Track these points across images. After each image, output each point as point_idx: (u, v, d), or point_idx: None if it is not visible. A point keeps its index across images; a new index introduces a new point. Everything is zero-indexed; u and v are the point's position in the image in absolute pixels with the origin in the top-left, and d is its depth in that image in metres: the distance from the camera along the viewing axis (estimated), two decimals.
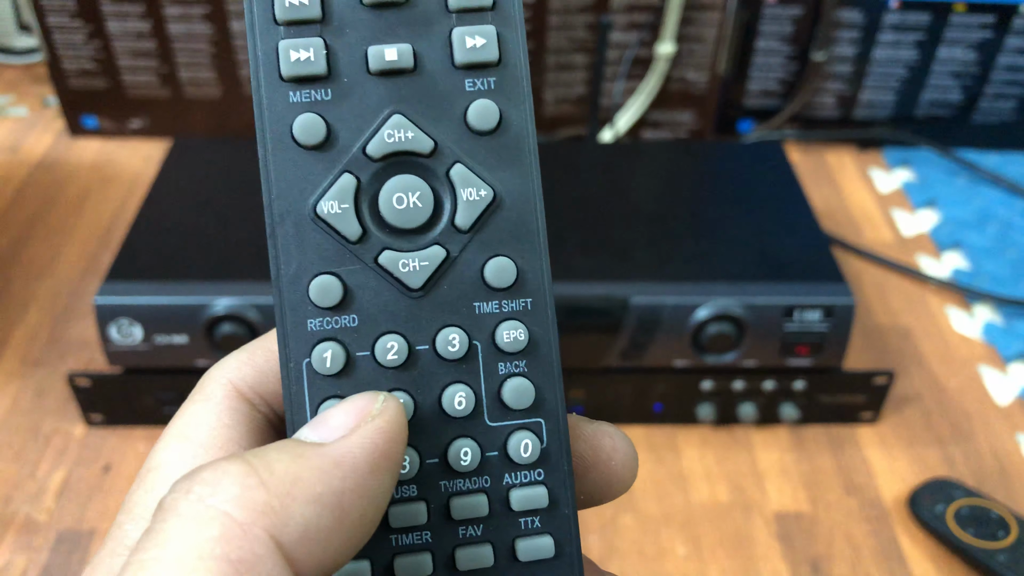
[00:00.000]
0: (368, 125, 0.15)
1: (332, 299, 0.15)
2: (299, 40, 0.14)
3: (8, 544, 0.39)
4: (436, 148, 0.15)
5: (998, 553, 0.38)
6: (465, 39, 0.14)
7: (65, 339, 0.49)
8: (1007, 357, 0.49)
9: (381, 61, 0.14)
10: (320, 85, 0.14)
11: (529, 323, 0.16)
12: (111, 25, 0.59)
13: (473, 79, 0.15)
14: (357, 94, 0.14)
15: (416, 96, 0.15)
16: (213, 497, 0.12)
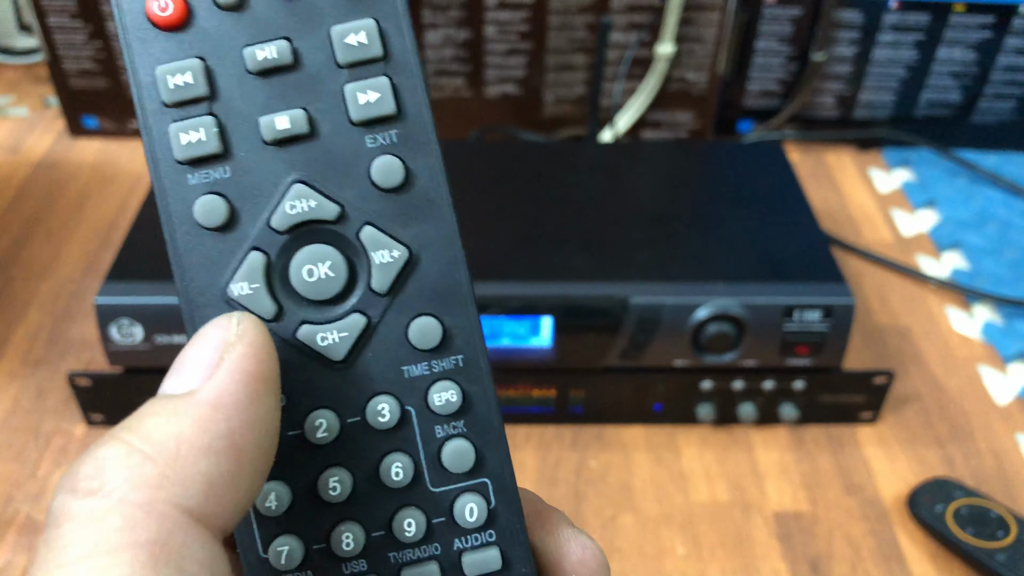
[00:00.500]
0: (270, 198, 0.14)
1: None
2: (189, 121, 0.14)
3: (9, 544, 0.39)
4: (343, 212, 0.14)
5: (997, 553, 0.38)
6: (358, 95, 0.14)
7: (66, 339, 0.49)
8: (1006, 357, 0.49)
9: (274, 130, 0.14)
10: (217, 164, 0.14)
11: (462, 381, 0.15)
12: (111, 25, 0.59)
13: (373, 135, 0.14)
14: (255, 167, 0.14)
15: (316, 161, 0.14)
16: (102, 488, 0.12)
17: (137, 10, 0.14)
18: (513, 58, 0.61)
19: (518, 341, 0.42)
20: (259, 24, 0.14)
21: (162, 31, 0.14)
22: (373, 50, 0.14)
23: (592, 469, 0.43)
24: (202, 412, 0.13)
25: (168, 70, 0.14)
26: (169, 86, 0.14)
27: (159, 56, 0.14)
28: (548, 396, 0.44)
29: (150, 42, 0.14)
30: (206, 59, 0.14)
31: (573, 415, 0.45)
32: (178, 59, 0.14)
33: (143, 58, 0.14)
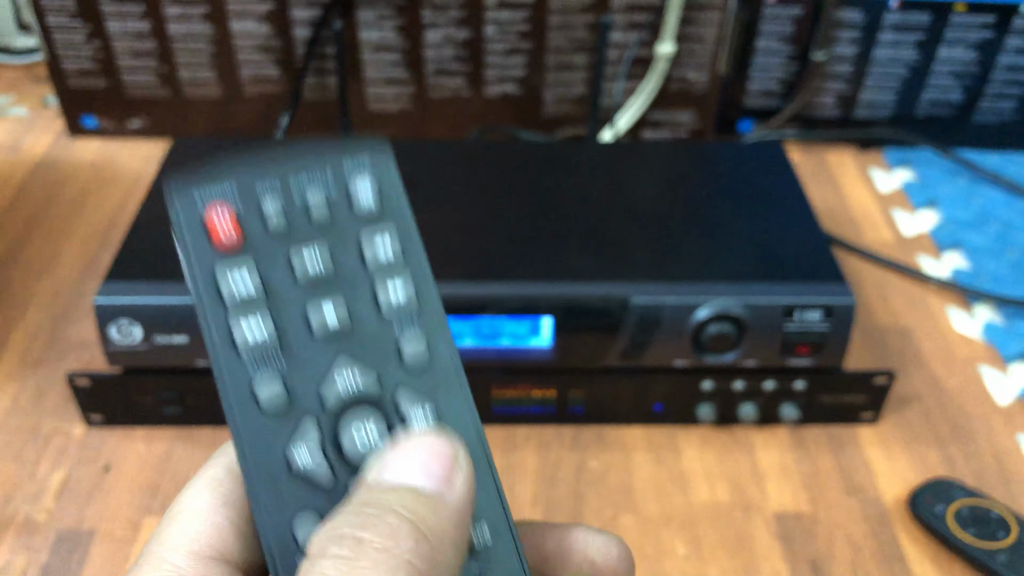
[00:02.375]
0: (319, 381, 0.16)
1: None
2: (249, 319, 0.16)
3: (8, 544, 0.39)
4: (379, 381, 0.16)
5: (998, 553, 0.38)
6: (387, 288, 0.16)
7: (65, 339, 0.49)
8: (1007, 357, 0.49)
9: (322, 324, 0.16)
10: (273, 354, 0.16)
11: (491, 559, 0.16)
12: (111, 25, 0.59)
13: (399, 321, 0.16)
14: (306, 357, 0.16)
15: (356, 347, 0.16)
16: (397, 547, 0.14)
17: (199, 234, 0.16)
18: (513, 57, 0.61)
19: (518, 341, 0.42)
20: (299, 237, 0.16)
21: (221, 252, 0.16)
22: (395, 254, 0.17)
23: (592, 469, 0.43)
24: (452, 515, 0.15)
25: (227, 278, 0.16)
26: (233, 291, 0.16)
27: (220, 269, 0.16)
28: (548, 396, 0.44)
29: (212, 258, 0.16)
30: (260, 269, 0.16)
31: (573, 415, 0.44)
32: (234, 269, 0.16)
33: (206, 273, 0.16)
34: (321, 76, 0.62)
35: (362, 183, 0.16)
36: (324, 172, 0.16)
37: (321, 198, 0.16)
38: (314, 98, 0.63)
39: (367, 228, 0.16)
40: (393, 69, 0.62)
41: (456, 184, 0.48)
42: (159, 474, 0.42)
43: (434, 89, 0.63)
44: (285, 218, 0.16)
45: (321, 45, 0.61)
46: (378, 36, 0.60)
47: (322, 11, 0.59)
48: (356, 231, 0.16)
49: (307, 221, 0.16)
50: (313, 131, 0.64)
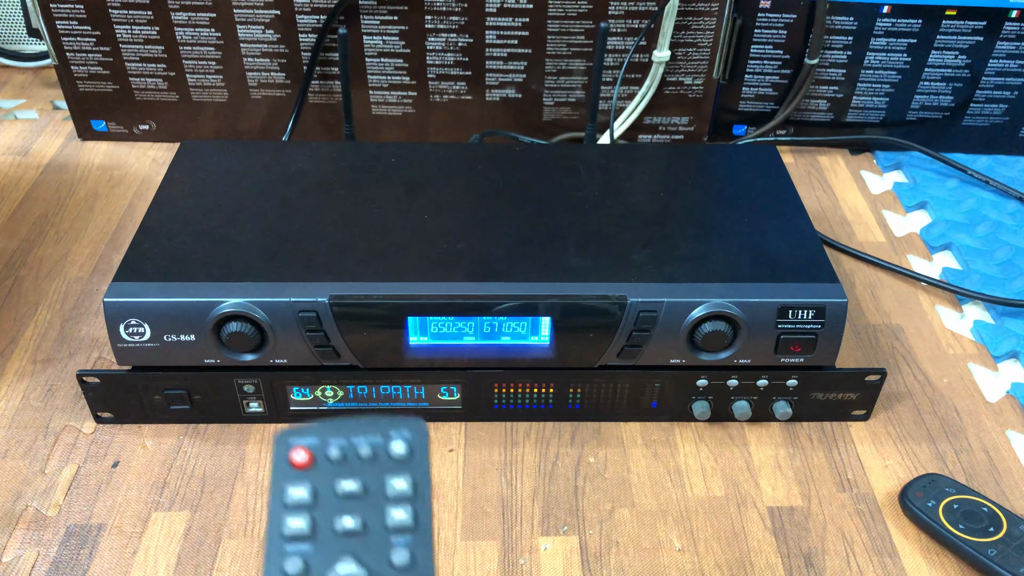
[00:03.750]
0: (331, 564, 0.22)
1: None
2: (297, 515, 0.23)
3: (18, 538, 0.40)
4: None
5: (988, 547, 0.39)
6: (394, 513, 0.23)
7: (74, 338, 0.50)
8: (997, 356, 0.50)
9: (343, 527, 0.23)
10: (305, 541, 0.23)
11: None
12: (119, 30, 0.60)
13: (397, 536, 0.23)
14: (326, 545, 0.23)
15: (362, 546, 0.23)
16: None
17: (284, 459, 0.24)
18: (513, 63, 0.62)
19: (518, 340, 0.43)
20: (348, 469, 0.24)
21: (294, 469, 0.24)
22: (408, 492, 0.23)
23: (590, 464, 0.44)
24: None
25: (293, 488, 0.23)
26: (292, 495, 0.23)
27: (290, 480, 0.24)
28: (547, 393, 0.45)
29: (286, 472, 0.24)
30: (315, 485, 0.24)
31: (572, 412, 0.45)
32: (299, 483, 0.24)
33: (281, 482, 0.24)
34: (325, 81, 0.63)
35: (397, 444, 0.24)
36: (376, 434, 0.24)
37: (368, 449, 0.24)
38: (318, 102, 0.64)
39: (393, 472, 0.24)
40: (396, 74, 0.63)
41: (457, 187, 0.49)
42: (167, 470, 0.43)
43: (436, 93, 0.64)
44: (342, 458, 0.24)
45: (325, 51, 0.62)
46: (381, 42, 0.61)
47: (326, 17, 0.60)
48: (385, 473, 0.24)
49: (355, 462, 0.24)
50: (317, 135, 0.65)
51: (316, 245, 0.44)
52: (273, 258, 0.43)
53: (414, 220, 0.46)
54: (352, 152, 0.52)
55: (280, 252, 0.43)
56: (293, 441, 0.24)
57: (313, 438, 0.24)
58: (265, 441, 0.45)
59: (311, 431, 0.24)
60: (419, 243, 0.44)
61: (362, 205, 0.47)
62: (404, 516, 0.23)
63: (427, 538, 0.23)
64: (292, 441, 0.24)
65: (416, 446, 0.24)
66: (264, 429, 0.45)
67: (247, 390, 0.44)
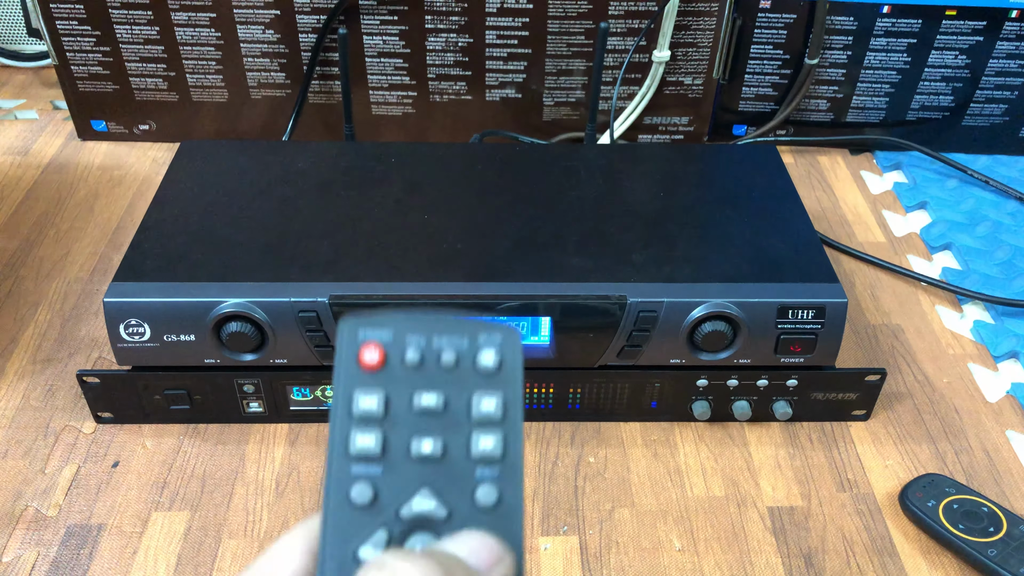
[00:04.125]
0: (404, 495, 0.19)
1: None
2: (365, 430, 0.19)
3: (18, 538, 0.40)
4: (450, 515, 0.19)
5: (988, 547, 0.39)
6: (480, 440, 0.19)
7: (75, 338, 0.50)
8: (997, 355, 0.50)
9: (420, 451, 0.19)
10: (374, 462, 0.19)
11: None
12: (119, 30, 0.60)
13: (482, 468, 0.19)
14: (399, 471, 0.19)
15: (440, 476, 0.19)
16: None
17: (352, 352, 0.20)
18: (513, 63, 0.62)
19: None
20: (427, 380, 0.20)
21: (364, 370, 0.20)
22: (497, 415, 0.20)
23: (590, 464, 0.44)
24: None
25: (362, 394, 0.20)
26: (360, 405, 0.20)
27: (358, 384, 0.20)
28: (547, 393, 0.45)
29: (354, 374, 0.20)
30: (388, 394, 0.20)
31: (572, 412, 0.45)
32: (370, 389, 0.20)
33: (347, 384, 0.20)
34: (325, 81, 0.63)
35: (488, 353, 0.20)
36: (462, 338, 0.20)
37: (453, 356, 0.20)
38: (318, 102, 0.64)
39: (481, 388, 0.20)
40: (396, 74, 0.63)
41: (457, 187, 0.49)
42: (167, 470, 0.43)
43: (436, 93, 0.64)
44: (420, 362, 0.20)
45: (325, 51, 0.62)
46: (381, 42, 0.61)
47: (326, 17, 0.60)
48: (472, 388, 0.20)
49: (436, 370, 0.20)
50: (317, 135, 0.65)
51: (316, 245, 0.44)
52: (273, 258, 0.43)
53: (414, 220, 0.46)
54: (352, 152, 0.52)
55: (280, 252, 0.43)
56: (365, 335, 0.20)
57: (387, 331, 0.20)
58: (265, 441, 0.45)
59: (385, 322, 0.20)
60: (419, 243, 0.44)
61: (362, 205, 0.47)
62: (491, 444, 0.19)
63: (517, 474, 0.19)
64: (364, 335, 0.20)
65: (509, 359, 0.20)
66: (264, 429, 0.45)
67: (247, 390, 0.44)
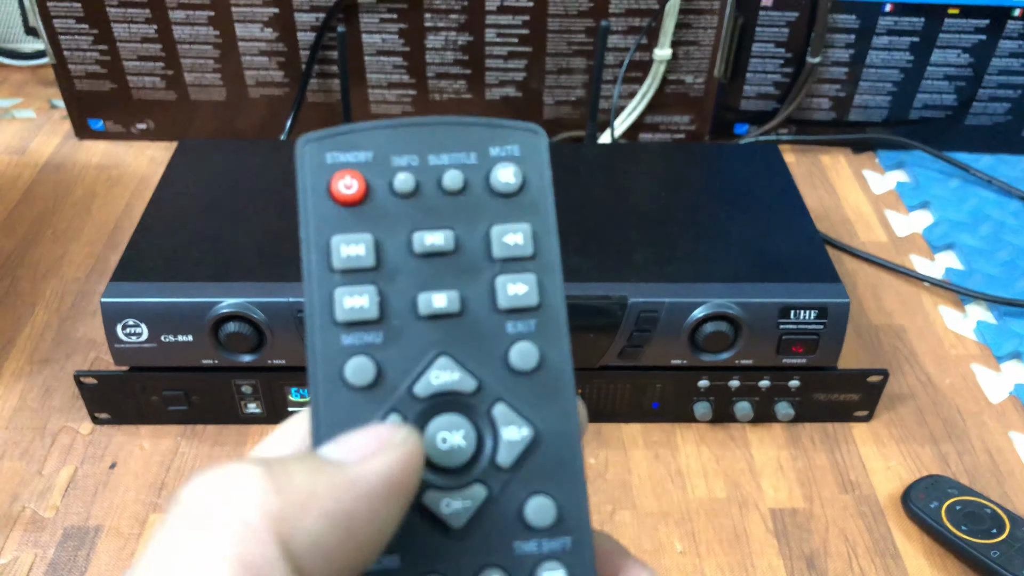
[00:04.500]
0: (416, 366, 0.15)
1: None
2: (355, 287, 0.15)
3: (15, 540, 0.39)
4: (480, 387, 0.15)
5: (991, 549, 0.39)
6: (507, 286, 0.15)
7: (72, 338, 0.50)
8: (1000, 356, 0.50)
9: (430, 307, 0.15)
10: (372, 328, 0.15)
11: (569, 564, 0.15)
12: (117, 29, 0.60)
13: (515, 322, 0.15)
14: (406, 337, 0.15)
15: (461, 338, 0.15)
16: (234, 500, 0.13)
17: (321, 184, 0.15)
18: (513, 61, 0.62)
19: None
20: (428, 212, 0.15)
21: (342, 206, 0.15)
22: (526, 250, 0.15)
23: (591, 466, 0.44)
24: (338, 482, 0.14)
25: (343, 240, 0.15)
26: (341, 255, 0.15)
27: (335, 227, 0.15)
28: None
29: (328, 214, 0.15)
30: (377, 236, 0.15)
31: None
32: (353, 232, 0.15)
33: (320, 227, 0.15)
34: (324, 79, 0.63)
35: (504, 171, 0.15)
36: (468, 154, 0.15)
37: (459, 178, 0.15)
38: (317, 101, 0.64)
39: (501, 219, 0.15)
40: (395, 72, 0.62)
41: None
42: (165, 471, 0.43)
43: (435, 92, 0.63)
44: (415, 190, 0.15)
45: (324, 49, 0.61)
46: (380, 40, 0.61)
47: (325, 15, 0.60)
48: (489, 220, 0.15)
49: (438, 200, 0.15)
50: None
51: None
52: (271, 258, 0.42)
53: None
54: None
55: (278, 252, 0.43)
56: (334, 158, 0.15)
57: (364, 153, 0.15)
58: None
59: (360, 139, 0.15)
60: None
61: None
62: (524, 290, 0.15)
63: (560, 326, 0.15)
64: (333, 158, 0.15)
65: (534, 172, 0.16)
66: (262, 430, 0.45)
67: (245, 391, 0.43)
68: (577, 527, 0.15)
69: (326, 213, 0.15)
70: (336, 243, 0.15)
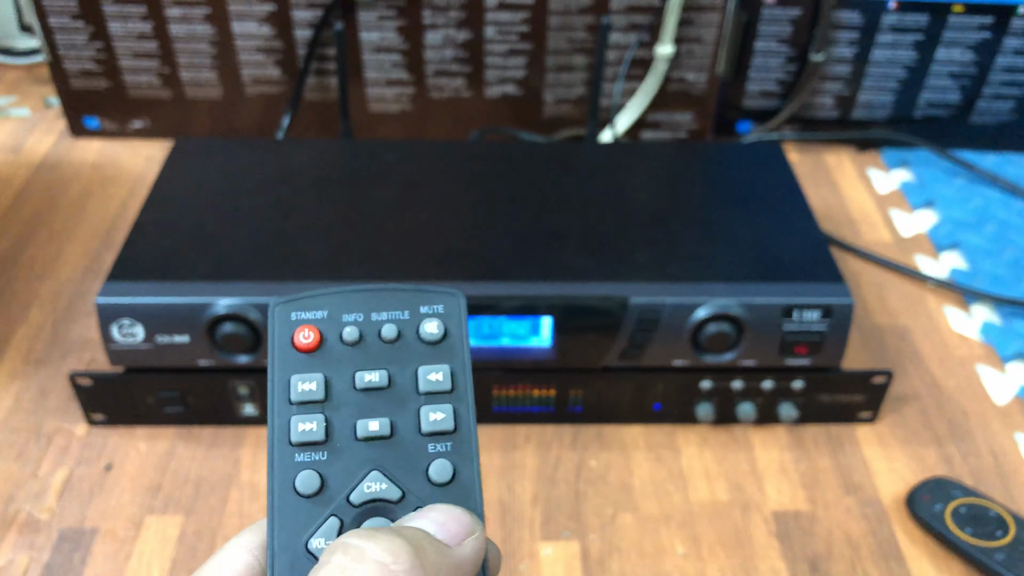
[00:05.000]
0: (353, 479, 0.18)
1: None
2: (306, 415, 0.19)
3: (10, 543, 0.39)
4: (403, 496, 0.18)
5: (996, 552, 0.38)
6: (430, 414, 0.19)
7: (67, 339, 0.49)
8: (1005, 357, 0.50)
9: (366, 431, 0.19)
10: (319, 449, 0.19)
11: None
12: (112, 26, 0.60)
13: (434, 443, 0.19)
14: (346, 455, 0.19)
15: (391, 456, 0.19)
16: (395, 563, 0.16)
17: (286, 336, 0.19)
18: (513, 59, 0.61)
19: (518, 341, 0.42)
20: (369, 356, 0.19)
21: (301, 353, 0.19)
22: (445, 385, 0.19)
23: (592, 468, 0.43)
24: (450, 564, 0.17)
25: (300, 379, 0.19)
26: (298, 390, 0.19)
27: (295, 368, 0.19)
28: (548, 396, 0.44)
29: (290, 359, 0.19)
30: (327, 375, 0.19)
31: (573, 415, 0.45)
32: (308, 372, 0.19)
33: (283, 368, 0.19)
34: (322, 77, 0.62)
35: (431, 323, 0.19)
36: (402, 310, 0.20)
37: (394, 330, 0.19)
38: (315, 99, 0.63)
39: (427, 360, 0.19)
40: (393, 70, 0.62)
41: (456, 185, 0.48)
42: (161, 473, 0.42)
43: (434, 90, 0.63)
44: (359, 339, 0.19)
45: (322, 46, 0.61)
46: (379, 37, 0.60)
47: (323, 12, 0.59)
48: (417, 361, 0.19)
49: (377, 346, 0.19)
50: (314, 132, 0.65)
51: (312, 244, 0.43)
52: (268, 258, 0.42)
53: (412, 219, 0.45)
54: (349, 150, 0.51)
55: (275, 252, 0.42)
56: (297, 316, 0.19)
57: (321, 312, 0.19)
58: (260, 444, 0.44)
59: (318, 302, 0.19)
60: (417, 242, 0.43)
61: (359, 204, 0.46)
62: (442, 417, 0.19)
63: (470, 446, 0.19)
64: (296, 316, 0.19)
65: (453, 326, 0.19)
66: (259, 432, 0.44)
67: (241, 392, 0.43)
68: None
69: (289, 358, 0.19)
70: (295, 381, 0.19)
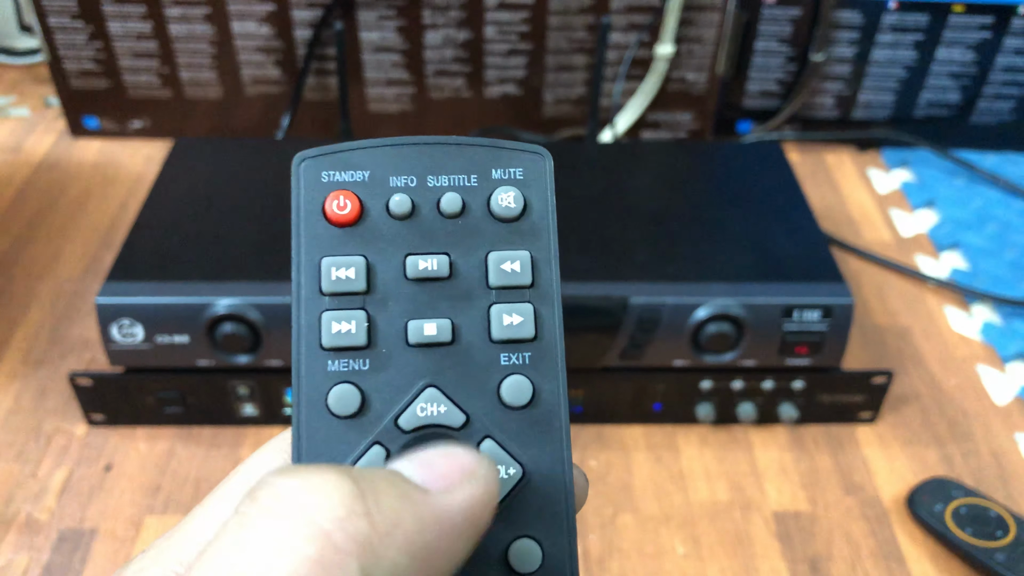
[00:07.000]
0: (402, 397, 0.14)
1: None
2: (343, 312, 0.14)
3: (10, 543, 0.39)
4: (467, 421, 0.14)
5: (996, 552, 0.38)
6: (503, 316, 0.14)
7: (67, 339, 0.49)
8: (1005, 357, 0.49)
9: (420, 335, 0.14)
10: (359, 355, 0.14)
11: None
12: (112, 26, 0.60)
13: (509, 354, 0.14)
14: (394, 365, 0.14)
15: (451, 369, 0.14)
16: (317, 511, 0.12)
17: (315, 204, 0.14)
18: (513, 58, 0.61)
19: None
20: (423, 235, 0.14)
21: (334, 227, 0.14)
22: (524, 279, 0.15)
23: (592, 468, 0.43)
24: (425, 514, 0.13)
25: (333, 263, 0.14)
26: (331, 277, 0.14)
27: (327, 248, 0.14)
28: None
29: (321, 234, 0.14)
30: (369, 259, 0.14)
31: (573, 415, 0.45)
32: (344, 254, 0.14)
33: (311, 248, 0.14)
34: (322, 77, 0.62)
35: (505, 195, 0.15)
36: (469, 173, 0.15)
37: (458, 201, 0.15)
38: (314, 99, 0.63)
39: (500, 245, 0.15)
40: (393, 70, 0.62)
41: None
42: (160, 473, 0.42)
43: (434, 90, 0.63)
44: (411, 211, 0.14)
45: (321, 46, 0.61)
46: (378, 37, 0.60)
47: (323, 12, 0.59)
48: (487, 246, 0.15)
49: (435, 223, 0.15)
50: (313, 132, 0.65)
51: None
52: (268, 258, 0.42)
53: None
54: None
55: (275, 251, 0.42)
56: (330, 176, 0.14)
57: (361, 172, 0.14)
58: (259, 445, 0.44)
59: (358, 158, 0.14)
60: None
61: None
62: (519, 321, 0.14)
63: (556, 359, 0.14)
64: (328, 176, 0.14)
65: (536, 199, 0.15)
66: (259, 432, 0.44)
67: (241, 392, 0.43)
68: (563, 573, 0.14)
69: (319, 233, 0.14)
70: (327, 265, 0.14)
